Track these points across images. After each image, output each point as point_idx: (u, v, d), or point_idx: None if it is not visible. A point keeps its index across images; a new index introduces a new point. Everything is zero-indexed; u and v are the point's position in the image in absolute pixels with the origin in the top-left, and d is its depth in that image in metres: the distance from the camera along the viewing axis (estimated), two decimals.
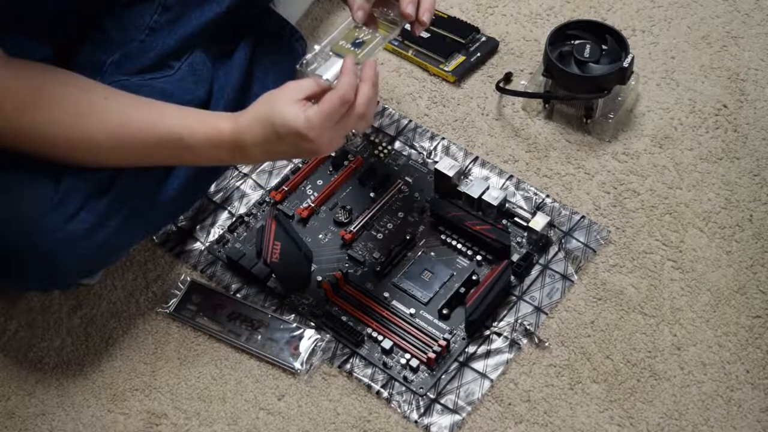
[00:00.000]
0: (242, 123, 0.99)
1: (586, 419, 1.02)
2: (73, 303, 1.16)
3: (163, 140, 1.02)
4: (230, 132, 1.00)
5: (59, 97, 1.01)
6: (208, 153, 1.02)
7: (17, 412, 1.08)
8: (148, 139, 1.02)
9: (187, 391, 1.08)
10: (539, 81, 1.26)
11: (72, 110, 1.01)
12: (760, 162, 1.21)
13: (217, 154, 1.02)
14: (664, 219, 1.17)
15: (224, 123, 1.01)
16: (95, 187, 1.05)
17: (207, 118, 1.03)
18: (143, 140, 1.02)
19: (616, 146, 1.24)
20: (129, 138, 1.02)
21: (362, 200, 1.20)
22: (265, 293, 1.14)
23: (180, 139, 1.01)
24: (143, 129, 1.02)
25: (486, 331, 1.08)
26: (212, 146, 1.01)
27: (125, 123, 1.02)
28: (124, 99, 1.05)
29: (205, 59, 1.20)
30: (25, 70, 1.01)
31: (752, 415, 1.01)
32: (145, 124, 1.02)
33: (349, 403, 1.05)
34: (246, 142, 0.99)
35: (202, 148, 1.02)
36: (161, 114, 1.03)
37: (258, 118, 0.98)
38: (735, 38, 1.35)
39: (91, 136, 1.02)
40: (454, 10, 1.43)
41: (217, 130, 1.00)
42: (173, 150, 1.03)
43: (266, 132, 0.97)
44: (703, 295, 1.10)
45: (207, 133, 1.01)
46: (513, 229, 1.16)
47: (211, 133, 1.01)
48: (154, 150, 1.03)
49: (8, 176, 1.02)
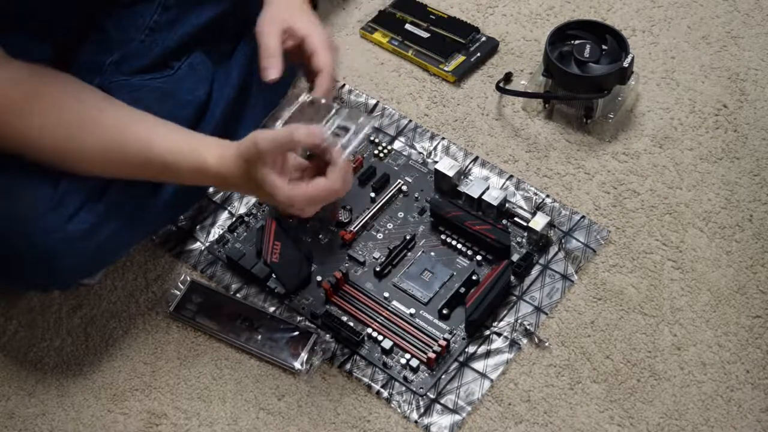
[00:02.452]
0: (228, 161, 1.00)
1: (586, 419, 1.02)
2: (73, 303, 1.16)
3: (150, 162, 1.02)
4: (215, 168, 1.00)
5: (53, 105, 1.01)
6: (194, 180, 1.04)
7: (17, 412, 1.08)
8: (137, 159, 1.03)
9: (187, 391, 1.08)
10: (539, 81, 1.26)
11: (65, 120, 1.01)
12: (760, 162, 1.21)
13: (202, 181, 1.04)
14: (664, 219, 1.17)
15: (210, 157, 1.01)
16: (95, 188, 1.05)
17: (195, 148, 1.02)
18: (131, 160, 1.03)
19: (616, 146, 1.24)
20: (118, 155, 1.03)
21: (362, 200, 1.20)
22: (265, 293, 1.14)
23: (165, 165, 1.02)
24: (132, 150, 1.02)
25: (486, 331, 1.08)
26: (197, 176, 1.02)
27: (116, 139, 1.02)
28: (117, 113, 1.04)
29: (205, 59, 1.20)
30: (23, 73, 1.01)
31: (752, 415, 1.01)
32: (135, 145, 1.02)
33: (349, 403, 1.05)
34: (229, 180, 1.01)
35: (187, 175, 1.03)
36: (151, 136, 1.03)
37: (244, 160, 0.98)
38: (735, 38, 1.35)
39: (82, 147, 1.02)
40: (454, 10, 1.43)
41: (203, 163, 1.01)
42: (159, 172, 1.03)
43: (249, 180, 0.98)
44: (703, 295, 1.10)
45: (193, 164, 1.01)
46: (513, 229, 1.16)
47: (196, 165, 1.01)
48: (141, 169, 1.04)
49: (8, 176, 1.03)
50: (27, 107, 1.00)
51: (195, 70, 1.18)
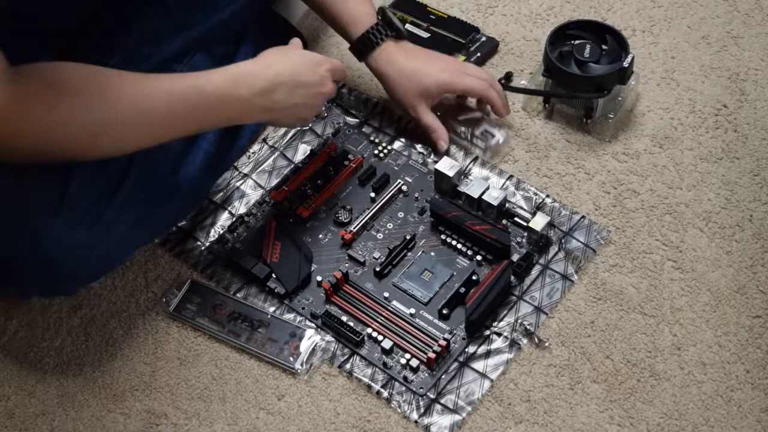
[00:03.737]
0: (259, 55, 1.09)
1: (586, 419, 1.02)
2: (73, 303, 1.16)
3: (183, 95, 1.03)
4: (245, 64, 1.07)
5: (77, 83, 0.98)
6: (227, 93, 1.05)
7: (17, 412, 1.08)
8: (171, 98, 1.02)
9: (187, 391, 1.08)
10: (539, 81, 1.26)
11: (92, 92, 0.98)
12: (760, 162, 1.21)
13: (245, 83, 1.06)
14: (664, 219, 1.17)
15: (242, 63, 1.07)
16: (101, 195, 1.05)
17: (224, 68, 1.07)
18: (166, 101, 1.02)
19: (616, 146, 1.24)
20: (152, 103, 1.01)
21: (362, 200, 1.20)
22: (265, 293, 1.14)
23: (198, 90, 1.03)
24: (162, 91, 1.02)
25: (486, 331, 1.08)
26: (230, 83, 1.05)
27: (143, 91, 1.01)
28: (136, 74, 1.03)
29: (207, 60, 1.20)
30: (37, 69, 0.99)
31: (752, 415, 1.01)
32: (163, 86, 1.02)
33: (349, 403, 1.05)
34: (257, 69, 1.07)
35: (220, 90, 1.04)
36: (176, 77, 1.06)
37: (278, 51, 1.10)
38: (735, 38, 1.35)
39: (114, 112, 0.99)
40: (454, 10, 1.43)
41: (234, 67, 1.06)
42: (194, 103, 1.04)
43: (285, 60, 1.09)
44: (703, 295, 1.10)
45: (223, 73, 1.05)
46: (513, 229, 1.16)
47: (227, 72, 1.06)
48: (177, 108, 1.03)
49: (14, 183, 1.02)
50: (53, 96, 0.95)
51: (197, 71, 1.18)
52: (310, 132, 1.29)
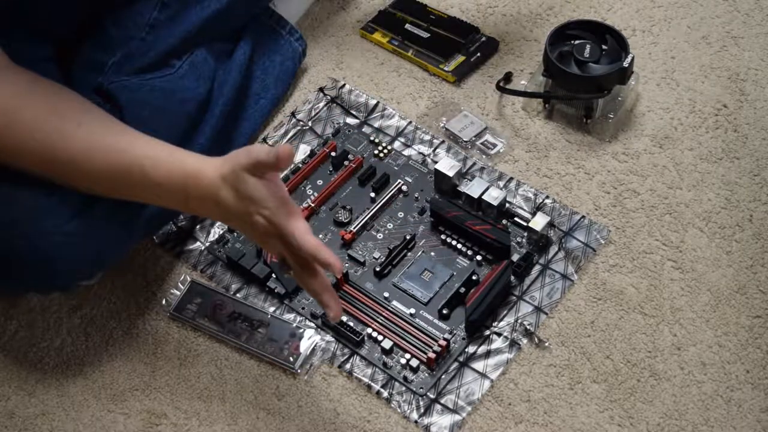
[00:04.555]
0: (209, 161, 0.96)
1: (586, 419, 1.02)
2: (73, 303, 1.15)
3: (129, 170, 0.98)
4: (193, 164, 0.96)
5: (36, 116, 0.98)
6: (171, 186, 0.98)
7: (17, 412, 1.08)
8: (111, 171, 0.98)
9: (187, 391, 1.08)
10: (539, 81, 1.26)
11: (46, 130, 0.97)
12: (760, 162, 1.21)
13: (183, 190, 0.97)
14: (664, 219, 1.17)
15: (191, 159, 0.97)
16: None
17: (173, 152, 0.98)
18: (106, 172, 0.98)
19: (616, 146, 1.24)
20: (92, 168, 0.98)
21: (362, 200, 1.20)
22: (265, 293, 1.14)
23: (143, 172, 0.97)
24: (109, 156, 0.98)
25: (486, 331, 1.08)
26: (170, 180, 0.97)
27: (94, 147, 0.98)
28: (98, 128, 1.00)
29: (207, 57, 1.20)
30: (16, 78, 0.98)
31: (752, 415, 1.01)
32: (111, 151, 0.98)
33: (349, 403, 1.05)
34: (209, 189, 0.95)
35: (165, 183, 0.97)
36: (132, 142, 0.99)
37: (229, 168, 0.94)
38: (735, 38, 1.35)
39: (61, 161, 0.98)
40: (454, 10, 1.43)
41: (181, 162, 0.97)
42: (137, 182, 0.98)
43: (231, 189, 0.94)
44: (703, 295, 1.10)
45: (171, 165, 0.97)
46: (513, 229, 1.16)
47: (176, 169, 0.97)
48: (119, 179, 0.99)
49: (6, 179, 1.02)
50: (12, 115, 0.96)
51: (197, 67, 1.18)
52: (310, 132, 1.29)
